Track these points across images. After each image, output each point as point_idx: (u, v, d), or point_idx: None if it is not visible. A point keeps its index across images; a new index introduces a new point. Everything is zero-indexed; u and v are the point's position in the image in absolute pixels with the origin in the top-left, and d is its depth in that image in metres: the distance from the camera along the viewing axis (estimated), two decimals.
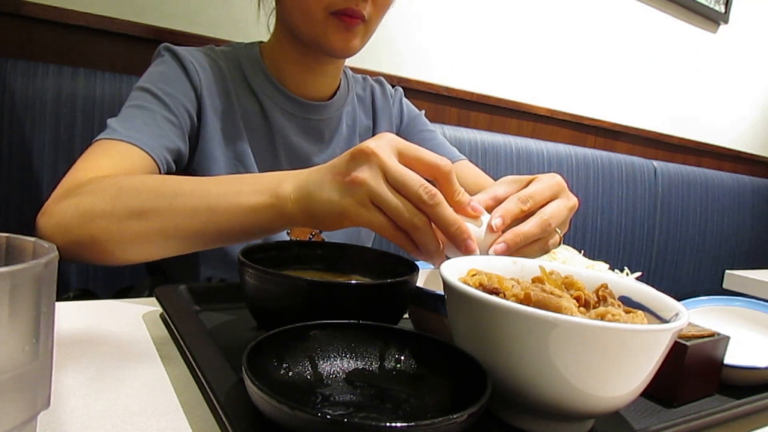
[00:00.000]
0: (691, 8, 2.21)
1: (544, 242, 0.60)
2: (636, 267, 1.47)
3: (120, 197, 0.62)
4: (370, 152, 0.52)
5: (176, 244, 0.62)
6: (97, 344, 0.52)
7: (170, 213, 0.60)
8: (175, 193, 0.61)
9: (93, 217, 0.62)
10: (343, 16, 0.76)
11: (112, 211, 0.61)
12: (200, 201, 0.60)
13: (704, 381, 0.55)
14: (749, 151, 2.65)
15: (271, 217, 0.58)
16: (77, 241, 0.62)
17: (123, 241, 0.62)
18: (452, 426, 0.33)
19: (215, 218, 0.59)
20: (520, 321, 0.39)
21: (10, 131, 0.97)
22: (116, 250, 0.62)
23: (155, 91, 0.77)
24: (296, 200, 0.56)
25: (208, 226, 0.60)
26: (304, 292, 0.49)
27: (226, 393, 0.40)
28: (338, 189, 0.53)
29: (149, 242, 0.62)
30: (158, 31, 1.20)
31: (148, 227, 0.60)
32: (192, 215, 0.60)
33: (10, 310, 0.28)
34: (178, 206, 0.60)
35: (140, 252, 0.63)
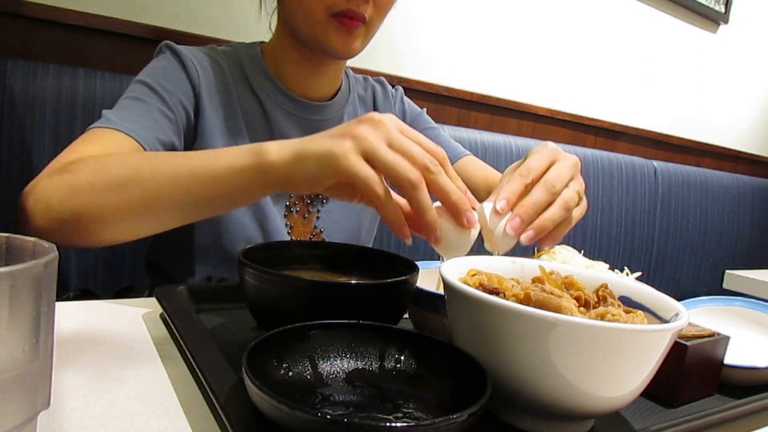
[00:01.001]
0: (691, 8, 2.21)
1: (562, 209, 0.59)
2: (636, 267, 1.47)
3: (102, 172, 0.61)
4: (378, 119, 0.52)
5: (159, 216, 0.61)
6: (97, 344, 0.52)
7: (151, 181, 0.59)
8: (158, 163, 0.60)
9: (74, 192, 0.61)
10: (344, 18, 0.76)
11: (92, 184, 0.60)
12: (182, 168, 0.59)
13: (704, 381, 0.55)
14: (749, 151, 2.65)
15: (254, 178, 0.56)
16: (59, 218, 0.61)
17: (105, 214, 0.60)
18: (452, 426, 0.33)
19: (197, 183, 0.58)
20: (520, 321, 0.39)
21: (10, 131, 0.97)
22: (99, 225, 0.61)
23: (153, 84, 0.77)
24: (281, 158, 0.55)
25: (191, 192, 0.58)
26: (304, 292, 0.49)
27: (226, 393, 0.40)
28: (333, 140, 0.52)
29: (131, 214, 0.60)
30: (158, 31, 1.20)
31: (130, 198, 0.59)
32: (173, 182, 0.58)
33: (10, 310, 0.28)
34: (159, 174, 0.59)
35: (123, 228, 0.62)
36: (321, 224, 0.91)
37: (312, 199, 0.90)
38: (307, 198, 0.90)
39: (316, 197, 0.91)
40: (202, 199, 0.59)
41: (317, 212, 0.91)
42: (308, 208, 0.90)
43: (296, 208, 0.89)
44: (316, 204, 0.91)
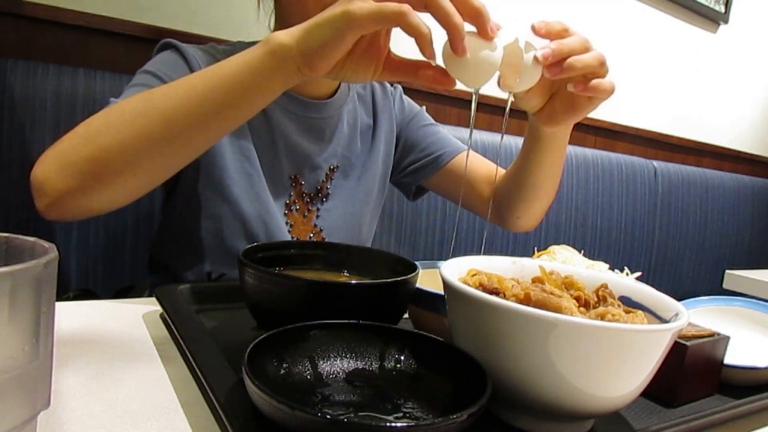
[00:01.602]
0: (691, 8, 2.21)
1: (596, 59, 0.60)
2: (636, 267, 1.47)
3: (113, 112, 0.60)
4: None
5: (183, 138, 0.58)
6: (97, 344, 0.52)
7: (166, 101, 0.57)
8: (168, 85, 0.59)
9: (89, 137, 0.58)
10: None
11: (107, 123, 0.58)
12: (194, 78, 0.58)
13: (704, 381, 0.55)
14: (749, 151, 2.65)
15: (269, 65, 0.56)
16: (78, 171, 0.57)
17: (126, 150, 0.57)
18: (452, 426, 0.33)
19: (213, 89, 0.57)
20: (520, 321, 0.39)
21: (10, 131, 0.97)
22: (121, 167, 0.57)
23: (158, 73, 0.77)
24: (292, 35, 0.55)
25: (209, 100, 0.57)
26: (304, 292, 0.49)
27: (226, 393, 0.40)
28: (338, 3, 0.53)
29: (153, 143, 0.57)
30: (158, 31, 1.20)
31: (148, 123, 0.57)
32: (189, 95, 0.57)
33: (10, 310, 0.28)
34: (172, 92, 0.58)
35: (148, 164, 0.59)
36: (321, 223, 0.91)
37: (312, 198, 0.90)
38: (306, 197, 0.90)
39: (316, 195, 0.91)
40: (222, 104, 0.57)
41: (317, 211, 0.91)
42: (308, 206, 0.90)
43: (296, 207, 0.89)
44: (316, 202, 0.91)
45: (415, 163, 1.01)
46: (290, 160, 0.88)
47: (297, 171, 0.89)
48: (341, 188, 0.93)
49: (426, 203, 1.46)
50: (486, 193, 0.96)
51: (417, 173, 1.01)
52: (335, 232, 0.91)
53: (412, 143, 1.02)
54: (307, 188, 0.90)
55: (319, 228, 0.91)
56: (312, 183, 0.90)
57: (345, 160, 0.93)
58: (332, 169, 0.92)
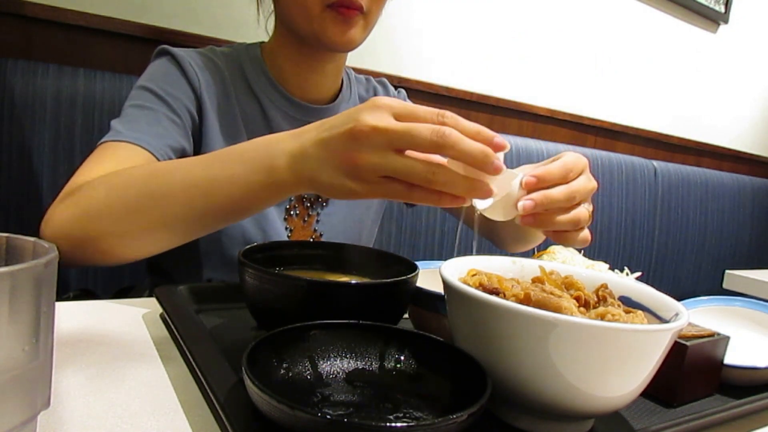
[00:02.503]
0: (691, 8, 2.21)
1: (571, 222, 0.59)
2: (636, 267, 1.47)
3: (115, 194, 0.62)
4: (371, 131, 0.49)
5: (178, 233, 0.62)
6: (97, 344, 0.52)
7: (167, 205, 0.60)
8: (169, 185, 0.60)
9: (90, 217, 0.62)
10: (341, 8, 0.76)
11: (108, 207, 0.61)
12: (194, 190, 0.59)
13: (704, 381, 0.55)
14: (749, 151, 2.65)
15: (270, 194, 0.57)
16: (79, 244, 0.62)
17: (124, 237, 0.62)
18: (452, 426, 0.33)
19: (212, 204, 0.59)
20: (520, 321, 0.39)
21: (10, 131, 0.97)
22: (118, 247, 0.62)
23: (157, 90, 0.77)
24: (296, 175, 0.55)
25: (207, 211, 0.60)
26: (304, 292, 0.49)
27: (226, 393, 0.40)
28: (341, 172, 0.51)
29: (150, 235, 0.62)
30: (158, 31, 1.20)
31: (147, 219, 0.61)
32: (188, 204, 0.59)
33: (10, 310, 0.28)
34: (173, 197, 0.60)
35: (143, 246, 0.63)
36: (321, 228, 0.91)
37: (312, 203, 0.90)
38: (306, 201, 0.90)
39: (316, 200, 0.90)
40: (219, 216, 0.61)
41: (317, 215, 0.90)
42: (308, 211, 0.90)
43: (296, 212, 0.89)
44: (316, 207, 0.90)
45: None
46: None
47: None
48: None
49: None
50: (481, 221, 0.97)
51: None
52: (335, 237, 0.91)
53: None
54: (307, 193, 0.90)
55: (319, 233, 0.90)
56: None
57: None
58: None
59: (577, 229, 0.61)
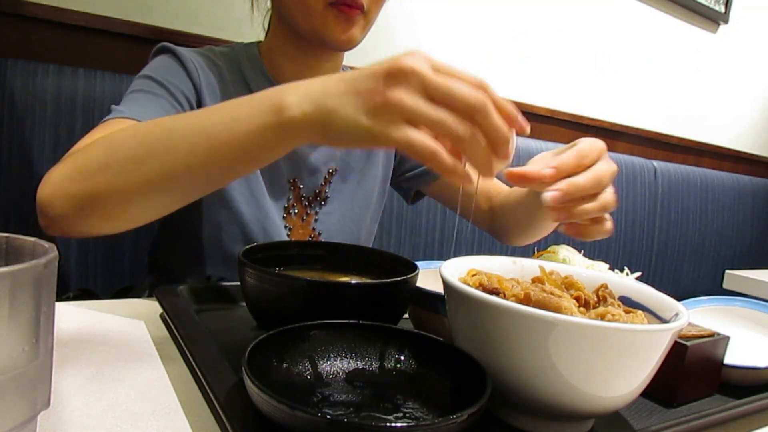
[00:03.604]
0: (691, 8, 2.21)
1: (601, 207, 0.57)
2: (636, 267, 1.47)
3: (114, 149, 0.58)
4: (410, 70, 0.45)
5: (181, 186, 0.57)
6: (97, 344, 0.52)
7: (168, 153, 0.55)
8: (169, 132, 0.56)
9: (90, 173, 0.58)
10: (342, 6, 0.76)
11: (107, 163, 0.57)
12: (197, 135, 0.54)
13: (704, 381, 0.55)
14: (749, 151, 2.65)
15: (277, 136, 0.51)
16: (77, 203, 0.58)
17: (124, 193, 0.57)
18: (452, 426, 0.33)
19: (216, 150, 0.53)
20: (520, 321, 0.39)
21: (10, 131, 0.97)
22: (117, 205, 0.58)
23: (158, 78, 0.77)
24: (307, 115, 0.49)
25: (210, 160, 0.54)
26: (304, 292, 0.49)
27: (226, 393, 0.40)
28: (366, 110, 0.46)
29: (150, 190, 0.57)
30: (158, 31, 1.20)
31: (148, 173, 0.55)
32: (191, 152, 0.54)
33: (10, 310, 0.28)
34: (174, 145, 0.55)
35: (145, 204, 0.58)
36: (320, 227, 0.91)
37: (310, 201, 0.90)
38: (305, 200, 0.90)
39: (315, 199, 0.90)
40: (224, 165, 0.55)
41: (315, 214, 0.90)
42: (306, 210, 0.90)
43: (295, 210, 0.89)
44: (315, 206, 0.90)
45: (414, 170, 1.01)
46: (289, 163, 0.87)
47: (296, 174, 0.88)
48: (340, 192, 0.92)
49: (426, 203, 1.46)
50: (483, 206, 0.97)
51: (415, 179, 1.01)
52: (334, 236, 0.91)
53: None
54: (306, 192, 0.90)
55: (318, 232, 0.90)
56: (311, 186, 0.90)
57: (344, 163, 0.93)
58: (331, 173, 0.91)
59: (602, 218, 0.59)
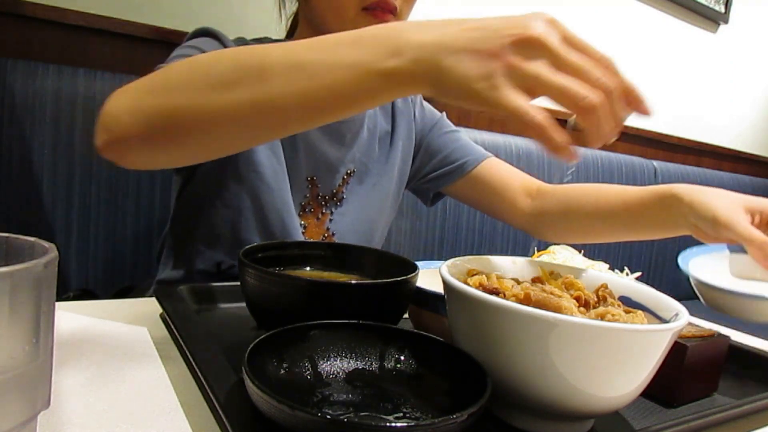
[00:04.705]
0: (691, 8, 2.21)
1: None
2: (636, 267, 1.47)
3: (200, 68, 0.53)
4: (540, 42, 0.43)
5: (266, 123, 0.52)
6: (97, 344, 0.52)
7: (260, 83, 0.49)
8: (262, 63, 0.50)
9: (171, 89, 0.53)
10: (376, 11, 0.75)
11: (192, 81, 0.52)
12: (295, 71, 0.49)
13: (704, 381, 0.55)
14: (749, 151, 2.65)
15: (384, 85, 0.47)
16: (150, 121, 0.52)
17: (206, 116, 0.51)
18: (452, 426, 0.33)
19: (315, 90, 0.48)
20: (520, 321, 0.39)
21: (10, 131, 0.97)
22: (196, 130, 0.52)
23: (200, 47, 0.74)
24: (420, 65, 0.45)
25: (307, 99, 0.49)
26: (304, 292, 0.49)
27: (226, 393, 0.40)
28: (483, 73, 0.43)
29: (236, 119, 0.51)
30: (158, 31, 1.20)
31: (237, 99, 0.50)
32: (286, 87, 0.49)
33: (10, 310, 0.28)
34: (269, 76, 0.49)
35: (222, 136, 0.53)
36: (334, 227, 0.90)
37: (326, 201, 0.89)
38: (322, 199, 0.89)
39: (331, 199, 0.90)
40: (320, 105, 0.50)
41: (330, 214, 0.90)
42: (322, 209, 0.89)
43: (310, 208, 0.88)
44: (330, 206, 0.90)
45: (438, 170, 0.99)
46: (309, 161, 0.87)
47: (314, 173, 0.88)
48: (356, 193, 0.92)
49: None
50: (523, 203, 0.94)
51: (439, 180, 1.00)
52: (347, 237, 0.90)
53: (434, 150, 1.00)
54: (323, 191, 0.89)
55: (331, 232, 0.90)
56: (328, 186, 0.89)
57: (362, 165, 0.92)
58: (348, 174, 0.91)
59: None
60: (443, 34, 0.45)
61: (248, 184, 0.80)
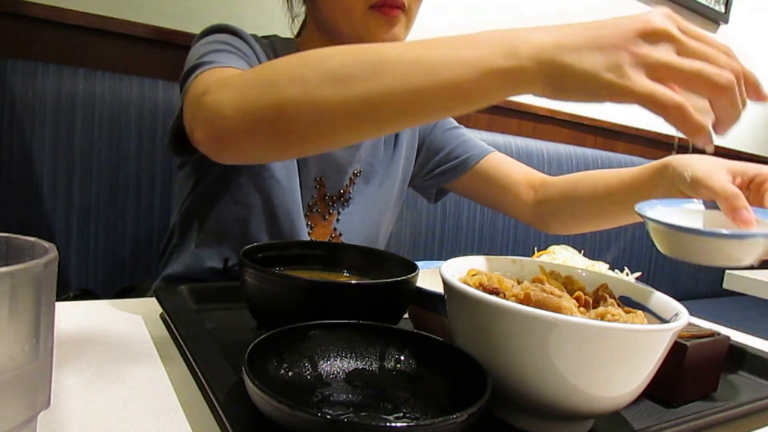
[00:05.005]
0: (691, 8, 2.21)
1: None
2: (636, 267, 1.47)
3: (310, 62, 0.52)
4: (664, 33, 0.43)
5: (381, 118, 0.51)
6: (97, 344, 0.52)
7: (376, 78, 0.49)
8: (379, 58, 0.49)
9: (280, 83, 0.51)
10: (384, 8, 0.75)
11: (304, 75, 0.51)
12: (412, 67, 0.48)
13: (704, 381, 0.55)
14: (749, 151, 2.65)
15: (503, 82, 0.46)
16: (258, 116, 0.52)
17: (319, 110, 0.50)
18: (452, 426, 0.33)
19: (432, 87, 0.47)
20: (520, 321, 0.39)
21: (10, 131, 0.97)
22: (306, 125, 0.51)
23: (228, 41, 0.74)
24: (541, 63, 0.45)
25: (424, 96, 0.48)
26: (304, 292, 0.49)
27: (226, 393, 0.40)
28: (609, 65, 0.43)
29: (348, 114, 0.50)
30: (158, 31, 1.20)
31: (351, 94, 0.49)
32: (404, 83, 0.48)
33: (10, 310, 0.28)
34: (385, 71, 0.48)
35: (334, 131, 0.52)
36: (341, 227, 0.90)
37: (334, 201, 0.89)
38: (329, 199, 0.89)
39: (338, 199, 0.90)
40: (437, 103, 0.49)
41: (337, 214, 0.90)
42: (329, 209, 0.89)
43: (317, 208, 0.88)
44: (337, 206, 0.90)
45: (441, 166, 0.99)
46: (318, 161, 0.87)
47: (323, 173, 0.87)
48: (362, 193, 0.92)
49: (426, 203, 1.46)
50: (526, 196, 0.94)
51: (443, 176, 0.99)
52: (354, 236, 0.90)
53: (437, 147, 1.00)
54: (330, 191, 0.89)
55: (339, 232, 0.90)
56: (335, 186, 0.89)
57: (368, 165, 0.92)
58: (356, 174, 0.91)
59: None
60: (561, 34, 0.46)
61: (260, 182, 0.80)
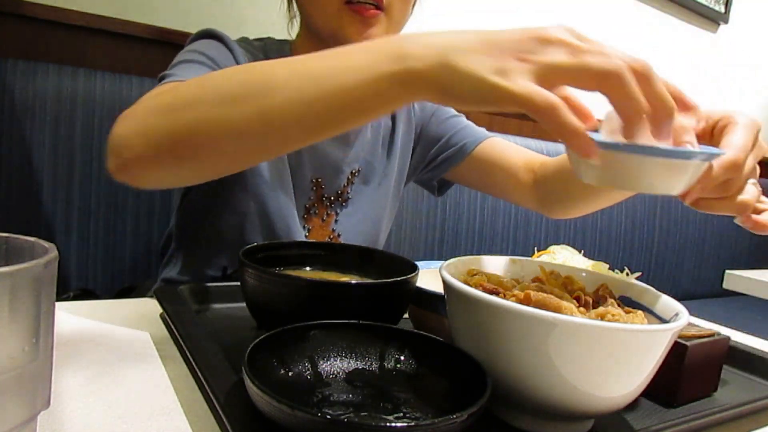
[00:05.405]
0: (691, 8, 2.21)
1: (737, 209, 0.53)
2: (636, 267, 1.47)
3: (207, 86, 0.53)
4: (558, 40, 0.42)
5: (278, 135, 0.51)
6: (97, 344, 0.52)
7: (270, 94, 0.49)
8: (272, 74, 0.50)
9: (179, 108, 0.52)
10: (358, 5, 0.74)
11: (200, 98, 0.51)
12: (304, 80, 0.48)
13: (704, 381, 0.55)
14: None
15: (395, 89, 0.45)
16: (161, 142, 0.52)
17: (217, 132, 0.50)
18: (452, 426, 0.33)
19: (325, 97, 0.47)
20: (520, 321, 0.39)
21: (10, 131, 0.97)
22: (207, 147, 0.52)
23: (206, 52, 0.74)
24: (431, 68, 0.43)
25: (318, 107, 0.48)
26: (304, 292, 0.49)
27: (226, 393, 0.40)
28: (497, 68, 0.41)
29: (246, 133, 0.50)
30: (158, 31, 1.20)
31: (246, 111, 0.49)
32: (296, 96, 0.48)
33: (10, 310, 0.28)
34: (278, 87, 0.49)
35: (234, 150, 0.52)
36: (339, 228, 0.89)
37: (332, 202, 0.89)
38: (327, 200, 0.89)
39: (336, 200, 0.89)
40: (331, 114, 0.48)
41: (336, 215, 0.89)
42: (327, 210, 0.89)
43: (315, 210, 0.88)
44: (336, 207, 0.89)
45: (440, 156, 0.98)
46: (313, 163, 0.86)
47: (319, 174, 0.87)
48: (361, 193, 0.91)
49: (426, 203, 1.46)
50: (525, 178, 0.92)
51: (442, 165, 0.98)
52: (353, 237, 0.90)
53: (435, 137, 0.98)
54: (328, 192, 0.88)
55: (337, 233, 0.89)
56: (333, 187, 0.89)
57: (367, 164, 0.92)
58: (353, 174, 0.90)
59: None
60: (452, 37, 0.44)
61: (253, 188, 0.80)
